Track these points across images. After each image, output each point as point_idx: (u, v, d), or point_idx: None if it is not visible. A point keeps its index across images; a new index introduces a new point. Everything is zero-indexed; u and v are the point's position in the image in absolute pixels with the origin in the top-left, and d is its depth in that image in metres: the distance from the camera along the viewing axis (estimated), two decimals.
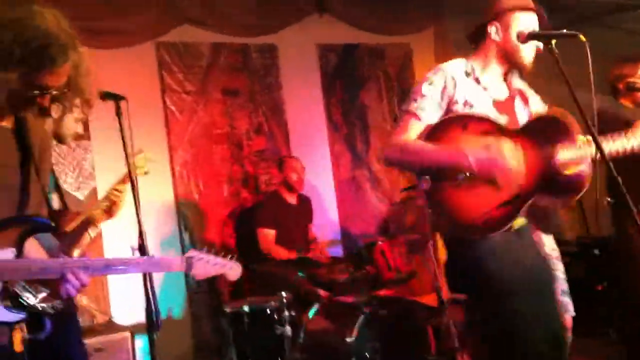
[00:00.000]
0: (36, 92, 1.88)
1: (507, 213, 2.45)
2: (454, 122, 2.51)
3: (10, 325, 1.90)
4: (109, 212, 2.94)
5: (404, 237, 4.65)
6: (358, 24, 5.87)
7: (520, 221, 2.54)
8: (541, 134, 2.49)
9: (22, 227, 1.91)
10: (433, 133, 2.50)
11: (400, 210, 5.29)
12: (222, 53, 5.36)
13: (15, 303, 1.88)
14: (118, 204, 2.93)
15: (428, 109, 2.53)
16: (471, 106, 2.54)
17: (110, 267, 2.09)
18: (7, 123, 2.01)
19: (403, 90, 6.02)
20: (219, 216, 5.25)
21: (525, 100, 2.71)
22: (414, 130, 2.52)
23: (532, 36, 2.48)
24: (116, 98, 2.61)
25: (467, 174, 2.39)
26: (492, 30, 2.59)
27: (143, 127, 4.70)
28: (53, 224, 1.99)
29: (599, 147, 2.21)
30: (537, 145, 2.48)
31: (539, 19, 2.58)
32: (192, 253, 2.31)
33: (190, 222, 5.11)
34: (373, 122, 6.04)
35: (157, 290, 2.55)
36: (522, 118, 2.64)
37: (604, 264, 4.66)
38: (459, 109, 2.53)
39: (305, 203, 5.29)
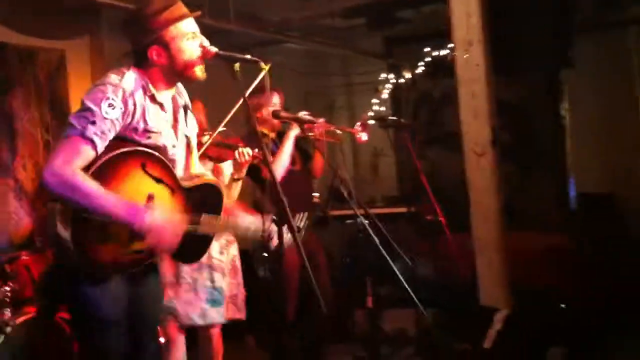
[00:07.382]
0: None
1: (135, 261, 2.50)
2: (134, 157, 2.40)
3: None
4: None
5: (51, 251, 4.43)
6: (5, 22, 5.45)
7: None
8: (200, 199, 2.62)
9: None
10: (108, 166, 2.32)
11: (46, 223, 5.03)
12: None
13: None
14: None
15: (106, 136, 2.34)
16: (150, 133, 2.47)
17: None
18: None
19: (54, 98, 5.78)
20: None
21: (185, 115, 2.72)
22: (84, 160, 2.29)
23: (217, 56, 2.55)
24: None
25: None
26: (154, 54, 2.51)
27: None
28: None
29: (267, 166, 2.51)
30: (191, 210, 2.58)
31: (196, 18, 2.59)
32: None
33: None
34: (21, 130, 5.66)
35: None
36: (182, 136, 2.67)
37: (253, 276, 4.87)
38: (136, 136, 2.44)
39: None
